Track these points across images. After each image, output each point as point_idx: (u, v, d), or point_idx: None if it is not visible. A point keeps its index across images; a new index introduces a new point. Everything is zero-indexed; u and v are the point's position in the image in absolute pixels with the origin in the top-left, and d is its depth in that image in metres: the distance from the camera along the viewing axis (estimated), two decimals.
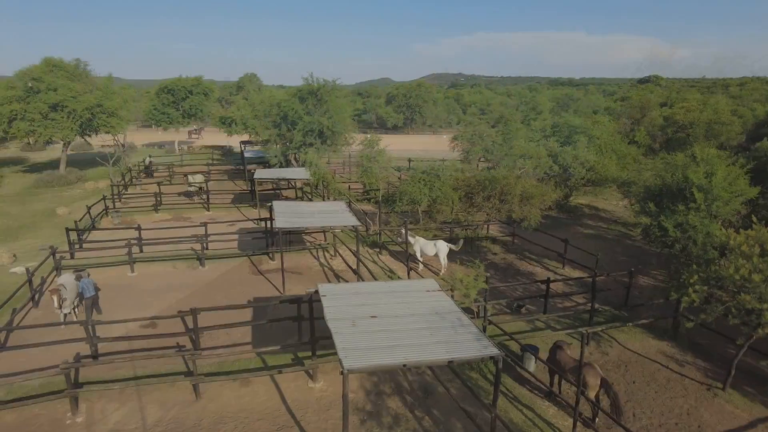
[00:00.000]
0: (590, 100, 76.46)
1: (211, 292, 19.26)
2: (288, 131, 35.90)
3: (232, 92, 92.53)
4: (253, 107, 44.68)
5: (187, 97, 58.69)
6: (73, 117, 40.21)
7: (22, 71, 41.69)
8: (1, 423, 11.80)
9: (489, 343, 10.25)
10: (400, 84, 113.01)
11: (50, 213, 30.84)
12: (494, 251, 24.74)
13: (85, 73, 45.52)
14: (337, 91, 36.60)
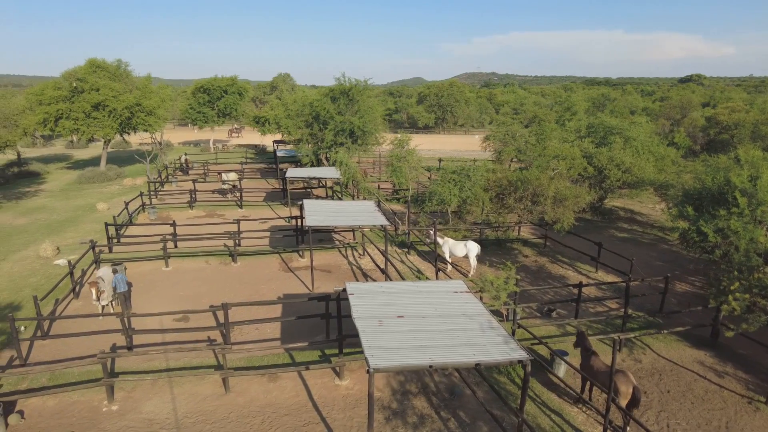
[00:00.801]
0: (627, 101, 74.41)
1: (242, 287, 19.61)
2: (319, 131, 36.24)
3: (266, 92, 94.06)
4: (285, 107, 45.30)
5: (222, 97, 59.92)
6: (113, 116, 41.62)
7: (68, 72, 43.41)
8: (44, 408, 12.33)
9: (517, 347, 10.09)
10: (432, 83, 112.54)
11: (91, 208, 32.00)
12: (525, 254, 24.35)
13: (125, 73, 47.04)
14: (369, 91, 36.73)
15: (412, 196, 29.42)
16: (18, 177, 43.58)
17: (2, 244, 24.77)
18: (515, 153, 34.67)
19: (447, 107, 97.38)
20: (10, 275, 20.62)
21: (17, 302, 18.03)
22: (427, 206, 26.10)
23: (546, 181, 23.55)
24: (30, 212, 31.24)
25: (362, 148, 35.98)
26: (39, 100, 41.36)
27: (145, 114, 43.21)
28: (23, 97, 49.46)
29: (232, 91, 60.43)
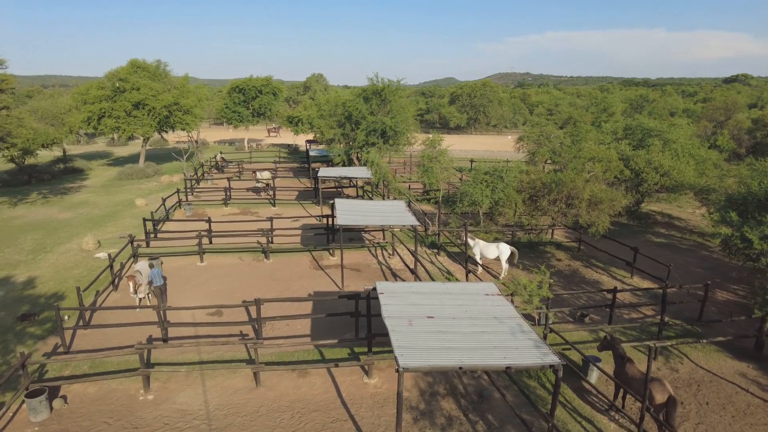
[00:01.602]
0: (667, 102, 72.18)
1: (274, 284, 19.93)
2: (351, 131, 36.48)
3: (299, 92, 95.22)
4: (318, 107, 45.80)
5: (257, 97, 60.98)
6: (152, 114, 42.93)
7: (111, 72, 45.04)
8: (85, 394, 12.83)
9: (549, 351, 9.93)
10: (465, 83, 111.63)
11: (130, 204, 33.08)
12: (558, 257, 23.92)
13: (164, 73, 48.44)
14: (401, 91, 36.75)
15: (443, 197, 29.27)
16: (63, 173, 45.43)
17: (49, 236, 25.88)
18: (549, 154, 34.10)
19: (480, 107, 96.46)
20: (55, 266, 21.54)
21: (61, 292, 18.82)
22: (458, 207, 25.94)
23: (581, 183, 23.07)
24: (74, 207, 32.53)
25: (393, 148, 36.03)
26: (84, 99, 43.08)
27: (183, 113, 44.40)
28: (69, 96, 51.58)
29: (266, 91, 61.44)
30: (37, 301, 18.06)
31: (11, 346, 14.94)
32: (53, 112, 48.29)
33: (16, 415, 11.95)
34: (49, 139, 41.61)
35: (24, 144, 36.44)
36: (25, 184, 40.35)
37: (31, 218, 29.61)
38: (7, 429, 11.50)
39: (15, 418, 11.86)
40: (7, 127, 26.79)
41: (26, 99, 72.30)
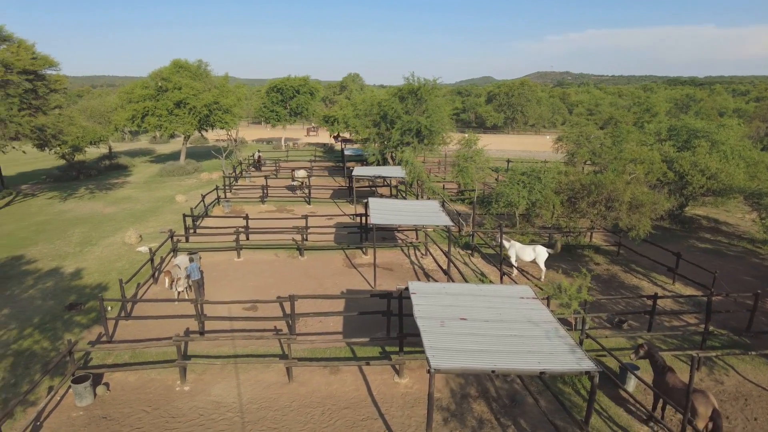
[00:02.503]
0: (716, 101, 69.19)
1: (308, 280, 20.16)
2: (386, 130, 36.52)
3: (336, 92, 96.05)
4: (354, 106, 46.07)
5: (294, 96, 61.86)
6: (193, 113, 44.16)
7: (155, 72, 46.58)
8: (126, 382, 13.32)
9: (585, 357, 9.67)
10: (502, 82, 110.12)
11: (170, 200, 34.11)
12: (597, 261, 23.27)
13: (205, 72, 49.75)
14: (437, 90, 36.54)
15: (478, 197, 28.93)
16: (109, 169, 47.30)
17: (95, 230, 26.98)
18: (589, 155, 33.25)
19: (517, 107, 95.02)
20: (100, 259, 22.43)
21: (105, 283, 19.58)
22: (494, 208, 25.59)
23: (622, 185, 22.36)
24: (118, 202, 33.79)
25: (428, 148, 35.89)
26: (129, 98, 44.74)
27: (222, 112, 45.49)
28: (116, 95, 53.68)
29: (303, 90, 62.26)
30: (83, 292, 18.86)
31: (60, 333, 15.65)
32: (101, 111, 50.36)
33: (63, 399, 12.51)
34: (96, 137, 43.43)
35: (74, 141, 38.14)
36: (74, 179, 42.21)
37: (78, 212, 30.94)
38: (55, 412, 12.05)
39: (62, 402, 12.41)
40: (60, 125, 28.07)
41: (77, 98, 75.69)
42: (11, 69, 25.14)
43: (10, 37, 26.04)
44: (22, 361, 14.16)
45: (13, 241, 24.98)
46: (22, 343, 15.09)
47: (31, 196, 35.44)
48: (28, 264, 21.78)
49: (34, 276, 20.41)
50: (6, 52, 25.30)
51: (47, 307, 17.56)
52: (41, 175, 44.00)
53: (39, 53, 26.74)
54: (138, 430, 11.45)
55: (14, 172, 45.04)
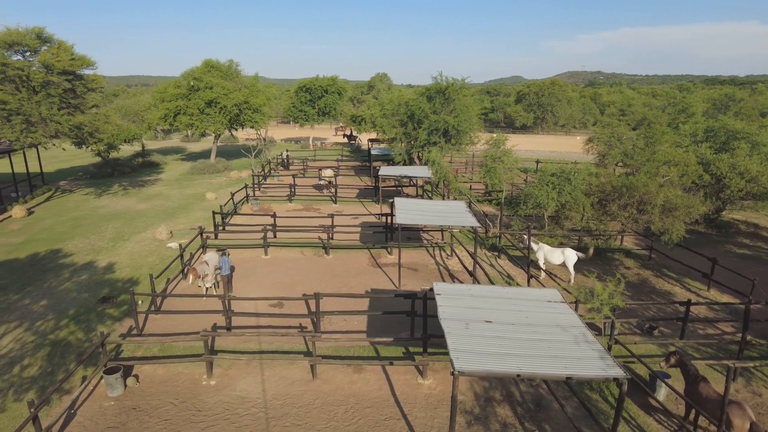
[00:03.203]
0: (757, 101, 66.60)
1: (333, 279, 20.27)
2: (413, 130, 36.43)
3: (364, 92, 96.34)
4: (381, 106, 46.14)
5: (323, 96, 62.30)
6: (224, 112, 44.93)
7: (187, 72, 47.59)
8: (155, 375, 13.65)
9: (614, 364, 9.44)
10: (532, 82, 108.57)
11: (201, 197, 34.79)
12: (627, 265, 22.71)
13: (236, 72, 50.56)
14: (465, 90, 36.27)
15: (506, 198, 28.58)
16: (142, 166, 48.55)
17: (127, 226, 27.73)
18: (621, 157, 32.47)
19: (547, 107, 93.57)
20: (132, 254, 23.05)
21: (136, 278, 20.11)
22: (522, 209, 25.22)
23: (654, 188, 21.75)
24: (150, 198, 34.66)
25: (455, 148, 35.63)
26: (162, 97, 45.82)
27: (252, 111, 46.15)
28: (149, 95, 55.08)
29: (332, 90, 62.66)
30: (115, 285, 19.41)
31: (93, 325, 16.15)
32: (135, 110, 51.76)
33: (96, 389, 12.90)
34: (130, 135, 44.67)
35: (109, 139, 39.27)
36: (109, 176, 43.48)
37: (112, 208, 31.86)
38: (88, 401, 12.45)
39: (95, 392, 12.80)
40: (96, 123, 28.95)
41: (112, 97, 78.02)
42: (52, 70, 26.05)
43: (51, 39, 26.97)
44: (58, 351, 14.67)
45: (51, 235, 25.91)
46: (59, 334, 15.64)
47: (69, 192, 36.68)
48: (64, 257, 22.54)
49: (70, 269, 21.12)
50: (47, 54, 26.23)
51: (82, 299, 18.15)
52: (78, 172, 45.49)
53: (77, 54, 27.62)
54: (166, 422, 11.72)
55: (53, 169, 46.70)
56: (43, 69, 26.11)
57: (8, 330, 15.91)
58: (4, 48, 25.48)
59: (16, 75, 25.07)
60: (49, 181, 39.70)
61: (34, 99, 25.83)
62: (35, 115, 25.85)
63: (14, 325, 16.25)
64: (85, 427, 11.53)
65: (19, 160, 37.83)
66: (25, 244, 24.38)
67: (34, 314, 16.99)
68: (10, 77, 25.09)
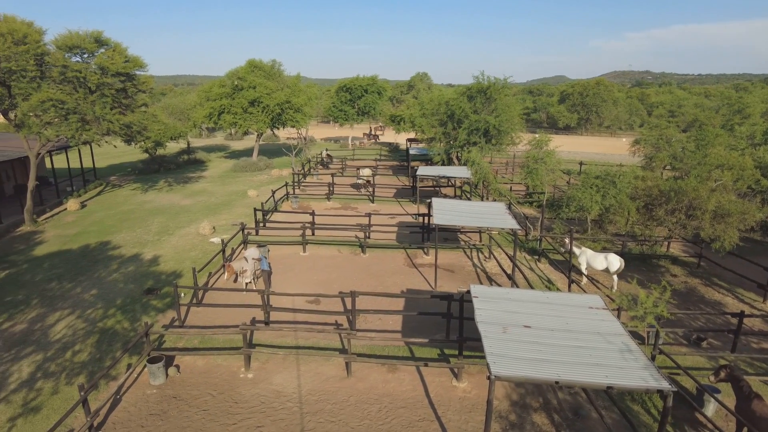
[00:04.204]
0: None
1: (369, 278, 20.34)
2: (453, 129, 36.11)
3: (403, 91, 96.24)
4: (421, 106, 45.96)
5: (363, 96, 62.59)
6: (266, 111, 45.80)
7: (231, 72, 48.78)
8: (194, 366, 14.05)
9: (659, 375, 9.06)
10: (576, 82, 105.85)
11: (243, 194, 35.60)
12: (674, 272, 21.80)
13: (278, 72, 51.45)
14: (507, 89, 35.68)
15: (548, 201, 27.92)
16: (187, 163, 50.12)
17: (172, 220, 28.69)
18: (669, 160, 31.21)
19: (592, 107, 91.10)
20: (176, 248, 23.82)
21: (179, 271, 20.76)
22: (564, 212, 24.59)
23: (705, 193, 20.77)
24: (194, 194, 35.74)
25: (496, 148, 35.09)
26: (207, 96, 47.15)
27: (294, 111, 46.84)
28: (195, 94, 56.75)
29: (372, 90, 62.86)
30: (159, 278, 20.10)
31: (138, 315, 16.79)
32: (181, 109, 53.48)
33: (140, 377, 13.40)
34: (176, 133, 46.19)
35: (156, 137, 40.75)
36: (155, 172, 45.12)
37: (158, 203, 33.03)
38: (132, 388, 12.97)
39: (138, 380, 13.31)
40: (145, 122, 30.06)
41: (160, 96, 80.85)
42: (107, 72, 27.25)
43: (107, 42, 28.18)
44: (106, 338, 15.33)
45: (101, 228, 27.10)
46: (107, 322, 16.34)
47: (118, 187, 38.28)
48: (113, 249, 23.53)
49: (118, 261, 22.02)
50: (103, 56, 27.43)
51: (128, 290, 18.90)
52: (127, 168, 47.42)
53: (131, 56, 28.73)
54: (204, 412, 12.04)
55: (105, 165, 48.86)
56: (98, 71, 27.32)
57: (62, 317, 16.74)
58: (65, 50, 26.81)
59: (74, 76, 26.34)
60: (100, 176, 41.56)
61: (90, 99, 27.05)
62: (90, 114, 27.08)
63: (67, 312, 17.10)
64: (130, 413, 12.00)
65: (74, 156, 39.72)
66: (78, 236, 25.62)
67: (85, 303, 17.82)
68: (69, 78, 26.37)
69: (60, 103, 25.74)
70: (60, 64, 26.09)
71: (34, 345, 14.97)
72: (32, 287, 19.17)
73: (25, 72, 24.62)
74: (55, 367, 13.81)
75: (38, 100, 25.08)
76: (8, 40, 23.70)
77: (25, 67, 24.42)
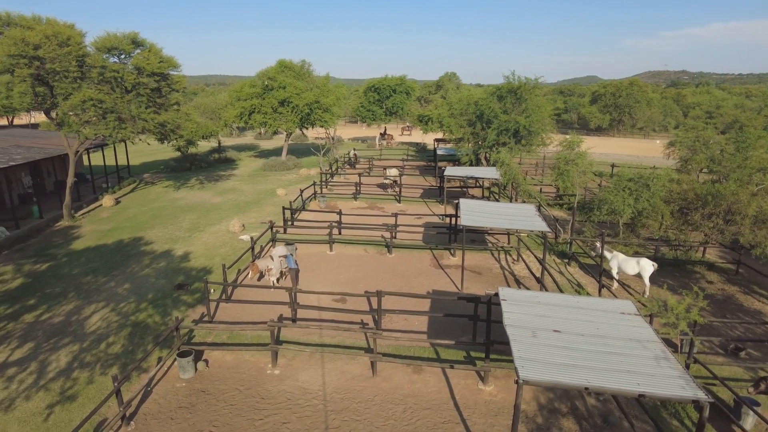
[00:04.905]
0: None
1: (395, 278, 20.32)
2: (482, 129, 35.77)
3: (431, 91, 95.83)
4: (450, 106, 45.68)
5: (391, 96, 62.58)
6: (295, 111, 46.25)
7: (262, 72, 49.44)
8: (223, 360, 14.29)
9: (694, 384, 8.77)
10: (609, 82, 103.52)
11: (271, 193, 36.05)
12: (710, 279, 21.08)
13: (308, 72, 51.87)
14: (538, 90, 35.16)
15: (578, 203, 27.35)
16: (217, 162, 51.05)
17: (202, 218, 29.27)
18: (706, 162, 30.18)
19: (625, 108, 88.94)
20: (206, 244, 24.28)
21: (209, 267, 21.16)
22: (595, 215, 24.06)
23: (746, 197, 20.01)
24: (224, 193, 36.37)
25: (526, 149, 34.60)
26: (238, 96, 47.88)
27: (322, 111, 47.16)
28: (226, 94, 57.74)
29: (400, 90, 62.78)
30: (190, 273, 20.52)
31: (168, 310, 17.17)
32: (212, 108, 54.46)
33: (170, 370, 13.70)
34: (208, 132, 47.07)
35: (189, 135, 41.59)
36: (187, 170, 46.09)
37: (189, 200, 33.74)
38: (162, 380, 13.26)
39: (168, 373, 13.61)
40: (178, 121, 30.77)
41: (192, 96, 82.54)
42: (142, 72, 28.03)
43: (143, 43, 28.97)
44: (138, 332, 15.74)
45: (135, 224, 27.85)
46: (139, 316, 16.77)
47: (151, 184, 39.27)
48: (146, 245, 24.15)
49: (150, 256, 22.58)
50: (139, 57, 28.22)
51: (159, 285, 19.36)
52: (159, 166, 48.61)
53: (165, 56, 29.45)
54: (231, 406, 12.23)
55: (138, 162, 50.20)
56: (135, 71, 28.12)
57: (97, 309, 17.27)
58: (104, 51, 27.68)
59: (112, 77, 27.18)
60: (134, 174, 42.73)
61: (126, 98, 27.86)
62: (126, 113, 27.89)
63: (102, 305, 17.62)
64: (160, 405, 12.28)
65: (109, 153, 40.95)
66: (112, 231, 26.39)
67: (118, 296, 18.34)
68: (107, 78, 27.23)
69: (99, 103, 26.59)
70: (99, 64, 26.97)
71: (71, 336, 15.48)
72: (70, 280, 19.84)
73: (67, 73, 25.53)
74: (90, 358, 14.25)
75: (78, 100, 25.99)
76: (53, 43, 24.62)
77: (67, 68, 25.33)
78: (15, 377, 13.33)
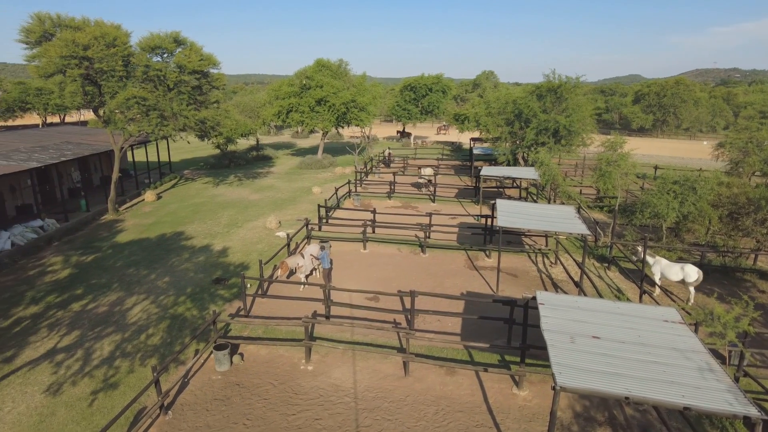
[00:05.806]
0: None
1: (428, 278, 20.17)
2: (520, 129, 35.13)
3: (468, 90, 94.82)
4: (487, 104, 45.03)
5: (427, 95, 62.24)
6: (332, 110, 46.59)
7: (299, 71, 50.03)
8: (258, 354, 14.51)
9: (745, 399, 8.32)
10: (653, 81, 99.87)
11: (307, 191, 36.44)
12: (761, 288, 20.03)
13: (345, 71, 52.16)
14: (578, 89, 34.26)
15: (620, 206, 26.49)
16: (255, 159, 52.02)
17: (241, 214, 29.85)
18: (760, 165, 28.74)
19: (669, 108, 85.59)
20: (243, 240, 24.74)
21: (246, 262, 21.54)
22: (637, 218, 23.21)
23: None
24: (262, 190, 36.99)
25: (565, 149, 33.76)
26: (276, 95, 48.62)
27: (358, 110, 47.34)
28: (265, 92, 58.72)
29: (436, 89, 62.37)
30: (227, 268, 20.95)
31: (206, 304, 17.57)
32: (251, 106, 55.46)
33: (206, 363, 14.01)
34: (246, 130, 47.97)
35: (228, 133, 42.49)
36: (226, 167, 47.12)
37: (228, 197, 34.47)
38: (198, 372, 13.57)
39: (205, 365, 13.91)
40: (217, 118, 31.50)
41: (232, 94, 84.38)
42: (184, 70, 28.81)
43: (184, 42, 29.77)
44: (176, 324, 16.16)
45: (175, 219, 28.66)
46: (177, 309, 17.22)
47: (191, 180, 40.34)
48: (185, 240, 24.81)
49: (190, 251, 23.18)
50: (181, 55, 29.01)
51: (198, 279, 19.83)
52: (199, 162, 49.88)
53: (206, 54, 30.19)
54: (265, 400, 12.39)
55: (179, 159, 51.68)
56: (176, 69, 28.93)
57: (138, 301, 17.84)
58: (147, 51, 28.61)
59: (155, 75, 28.06)
60: (175, 170, 44.00)
61: (168, 96, 28.70)
62: (168, 111, 28.74)
63: (143, 297, 18.19)
64: (196, 396, 12.56)
65: (151, 150, 42.31)
66: (154, 225, 27.24)
67: (158, 289, 18.89)
68: (150, 77, 28.14)
69: (142, 100, 27.50)
70: (143, 63, 27.88)
71: (114, 326, 16.04)
72: (113, 272, 20.58)
73: (114, 72, 26.52)
74: (131, 348, 14.73)
75: (124, 98, 26.95)
76: (101, 43, 25.59)
77: (114, 67, 26.31)
78: (63, 363, 13.91)
